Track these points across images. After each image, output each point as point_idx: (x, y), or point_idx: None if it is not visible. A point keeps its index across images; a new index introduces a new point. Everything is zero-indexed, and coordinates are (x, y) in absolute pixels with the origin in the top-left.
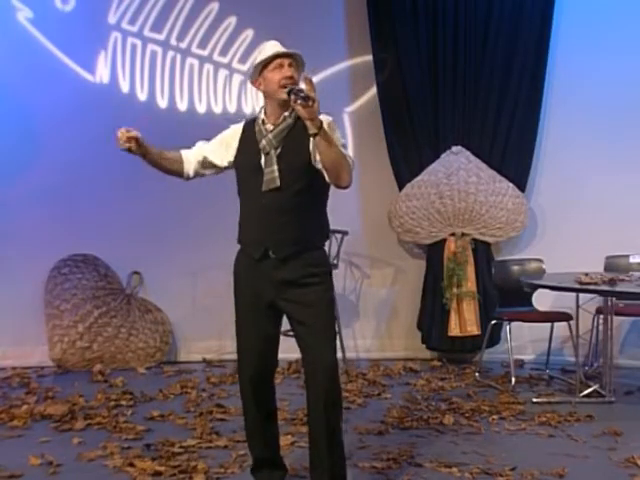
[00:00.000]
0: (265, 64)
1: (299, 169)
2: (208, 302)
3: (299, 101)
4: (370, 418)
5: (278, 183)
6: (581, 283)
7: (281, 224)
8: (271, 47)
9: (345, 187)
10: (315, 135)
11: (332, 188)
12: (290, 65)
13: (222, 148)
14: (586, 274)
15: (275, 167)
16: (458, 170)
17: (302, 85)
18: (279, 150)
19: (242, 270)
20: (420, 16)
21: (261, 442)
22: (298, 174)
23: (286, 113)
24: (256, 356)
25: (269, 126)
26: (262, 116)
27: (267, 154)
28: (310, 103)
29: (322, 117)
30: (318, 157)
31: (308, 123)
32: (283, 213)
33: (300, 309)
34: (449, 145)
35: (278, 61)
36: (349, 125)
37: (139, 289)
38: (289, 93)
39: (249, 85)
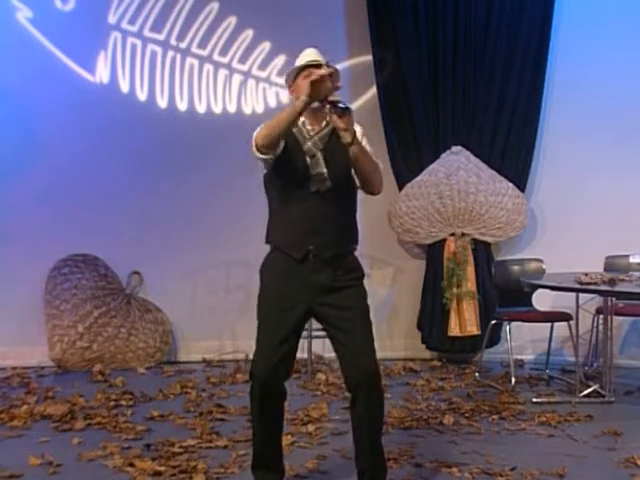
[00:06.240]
0: (299, 71)
1: (341, 174)
2: (208, 302)
3: (336, 111)
4: None
5: (329, 185)
6: (581, 283)
7: (324, 226)
8: (306, 55)
9: (376, 194)
10: (350, 145)
11: None
12: None
13: None
14: (586, 274)
15: (324, 169)
16: (458, 170)
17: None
18: (323, 154)
19: (275, 271)
20: (420, 16)
21: (266, 443)
22: (340, 179)
23: (327, 119)
24: (276, 358)
25: (310, 128)
26: (302, 117)
27: (313, 156)
28: (347, 113)
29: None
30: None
31: (342, 133)
32: (326, 216)
33: (337, 313)
34: (449, 145)
35: (310, 69)
36: None
37: (139, 289)
38: (322, 102)
39: (249, 85)
